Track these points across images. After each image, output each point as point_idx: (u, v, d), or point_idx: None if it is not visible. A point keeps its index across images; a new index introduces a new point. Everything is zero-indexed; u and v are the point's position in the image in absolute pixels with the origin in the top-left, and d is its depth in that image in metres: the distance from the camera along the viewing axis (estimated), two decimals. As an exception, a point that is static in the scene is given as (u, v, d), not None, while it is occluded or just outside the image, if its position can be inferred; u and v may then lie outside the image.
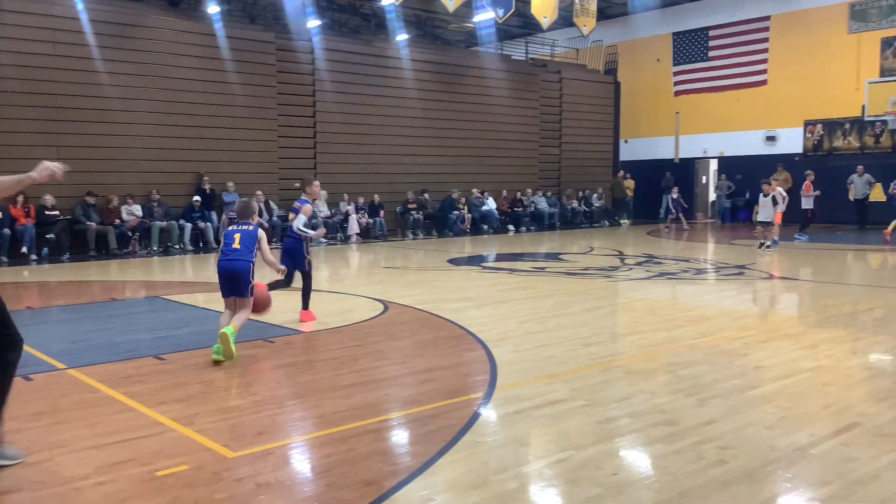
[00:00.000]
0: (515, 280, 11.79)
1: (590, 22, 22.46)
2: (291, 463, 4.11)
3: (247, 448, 4.23)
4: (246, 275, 6.64)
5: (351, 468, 3.93)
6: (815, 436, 4.38)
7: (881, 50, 22.81)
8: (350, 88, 21.04)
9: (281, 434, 4.55)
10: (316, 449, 4.29)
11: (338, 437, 4.42)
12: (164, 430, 4.56)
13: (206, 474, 3.86)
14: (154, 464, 4.00)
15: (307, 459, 4.17)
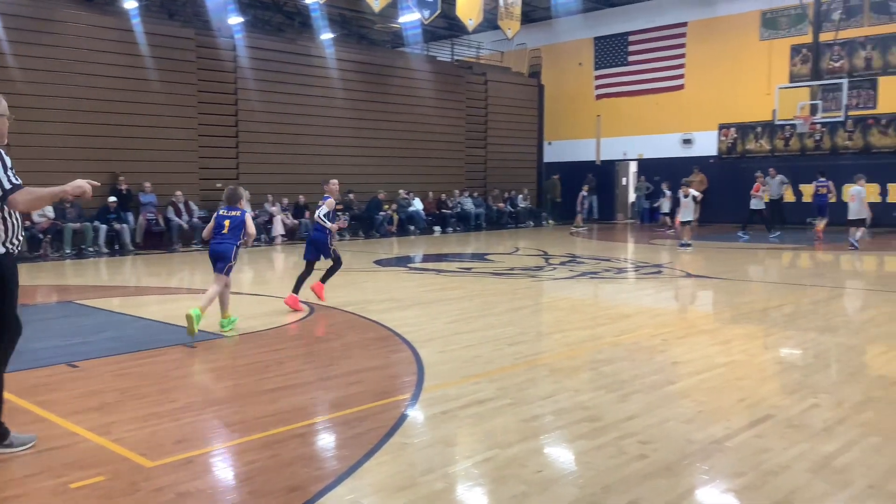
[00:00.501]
0: (442, 281, 11.83)
1: (514, 25, 22.73)
2: (213, 471, 4.01)
3: (166, 457, 4.11)
4: (228, 256, 7.53)
5: (275, 474, 3.86)
6: (730, 428, 4.55)
7: (791, 56, 23.88)
8: (274, 87, 20.69)
9: (202, 441, 4.43)
10: (239, 456, 4.20)
11: (261, 442, 4.34)
12: (79, 441, 4.38)
13: (123, 485, 3.72)
14: (68, 476, 3.84)
15: (229, 467, 4.08)
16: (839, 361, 6.36)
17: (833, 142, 23.24)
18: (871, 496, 3.55)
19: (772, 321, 8.25)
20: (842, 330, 7.60)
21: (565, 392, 5.36)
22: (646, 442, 4.31)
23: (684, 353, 6.59)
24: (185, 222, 17.86)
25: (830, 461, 3.99)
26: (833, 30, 21.66)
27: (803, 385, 5.53)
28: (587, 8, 27.28)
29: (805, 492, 3.61)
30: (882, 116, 22.26)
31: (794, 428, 4.55)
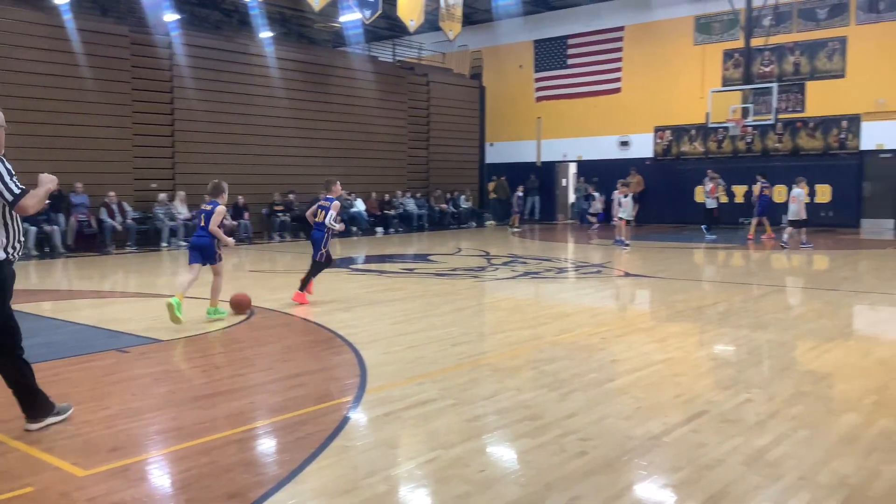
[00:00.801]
0: (385, 282, 11.79)
1: (455, 27, 22.81)
2: (149, 479, 3.90)
3: (100, 466, 3.98)
4: (211, 247, 8.30)
5: (213, 481, 3.78)
6: (668, 424, 4.65)
7: (723, 61, 24.57)
8: (211, 86, 20.29)
9: (137, 449, 4.31)
10: (175, 463, 4.10)
11: (199, 449, 4.25)
12: (7, 451, 4.22)
13: (54, 495, 3.60)
14: (-7, 488, 3.69)
15: (166, 474, 3.97)
16: (771, 357, 6.56)
17: (764, 144, 24.01)
18: (802, 487, 3.68)
19: (706, 319, 8.46)
20: (773, 327, 7.85)
21: (507, 391, 5.40)
22: (586, 439, 4.37)
23: (623, 351, 6.71)
24: (119, 224, 17.37)
25: (763, 454, 4.11)
26: (763, 35, 22.39)
27: (737, 381, 5.69)
28: (527, 11, 27.54)
29: (739, 485, 3.71)
30: (810, 119, 23.10)
31: (728, 422, 4.67)
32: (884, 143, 21.83)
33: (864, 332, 8.00)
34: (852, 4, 22.16)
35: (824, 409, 4.98)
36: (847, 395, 5.28)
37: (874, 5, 21.81)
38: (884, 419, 4.69)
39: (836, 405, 5.07)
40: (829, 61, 22.71)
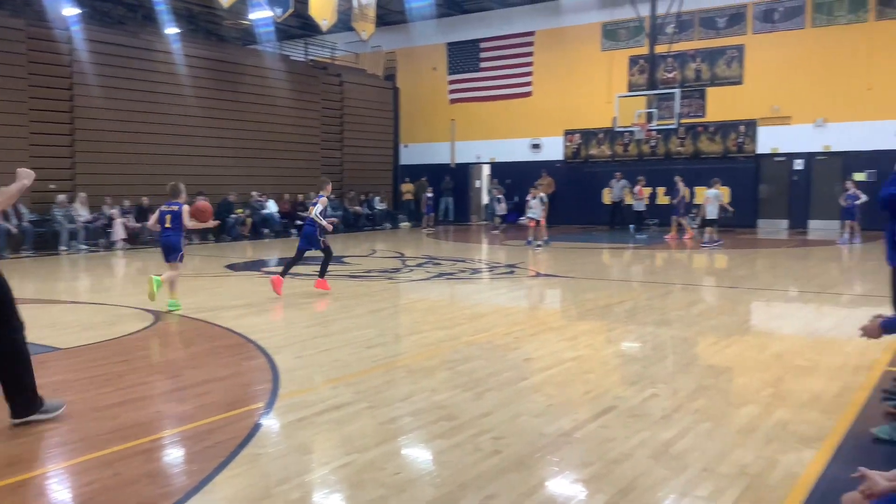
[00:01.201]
0: (298, 284, 11.61)
1: (368, 27, 22.72)
2: (48, 494, 3.72)
3: (-8, 483, 3.76)
4: (176, 246, 9.01)
5: (117, 494, 3.63)
6: (578, 420, 4.75)
7: (629, 67, 25.37)
8: (114, 83, 19.50)
9: (35, 463, 4.10)
10: (77, 477, 3.91)
11: (102, 461, 4.07)
12: None
13: (-60, 517, 3.38)
14: None
15: (67, 489, 3.79)
16: (674, 353, 6.81)
17: (667, 148, 24.92)
18: (705, 478, 3.83)
19: (614, 317, 8.71)
20: (676, 323, 8.15)
21: (423, 393, 5.41)
22: (500, 438, 4.43)
23: (535, 350, 6.83)
24: (14, 227, 16.47)
25: (669, 447, 4.26)
26: (667, 42, 23.23)
27: (643, 376, 5.87)
28: (440, 13, 27.69)
29: (647, 478, 3.83)
30: (710, 124, 24.12)
31: (635, 417, 4.82)
32: (778, 147, 23.02)
33: (760, 327, 8.40)
34: (749, 14, 23.28)
35: (725, 402, 5.20)
36: (746, 388, 5.53)
37: (769, 16, 22.98)
38: (780, 410, 4.93)
39: (735, 398, 5.30)
40: (728, 68, 23.78)
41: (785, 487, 3.69)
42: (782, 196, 23.19)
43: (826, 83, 21.86)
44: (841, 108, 21.77)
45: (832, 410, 4.92)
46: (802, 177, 22.81)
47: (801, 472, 3.87)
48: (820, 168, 22.49)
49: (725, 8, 23.65)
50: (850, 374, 5.85)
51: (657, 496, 3.62)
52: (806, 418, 4.76)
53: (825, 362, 6.24)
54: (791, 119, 22.67)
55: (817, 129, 22.33)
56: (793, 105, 22.54)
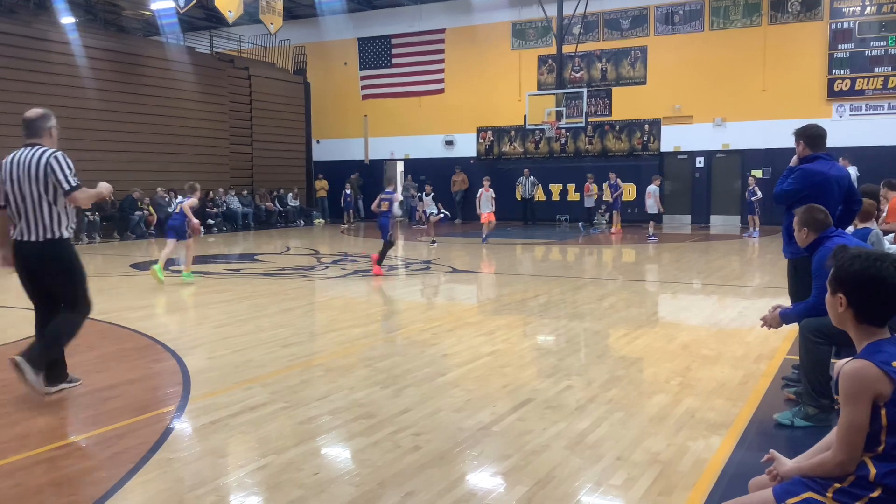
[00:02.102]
0: (208, 283, 11.29)
1: (276, 20, 22.26)
2: (-61, 511, 3.49)
3: None
4: (182, 228, 11.24)
5: (18, 507, 3.44)
6: (496, 414, 4.81)
7: (538, 66, 25.82)
8: (5, 74, 18.44)
9: (-77, 478, 3.83)
10: (-28, 490, 3.68)
11: (2, 471, 3.85)
12: None
13: None
14: None
15: (-40, 504, 3.57)
16: (587, 345, 6.98)
17: (576, 146, 25.52)
18: (620, 467, 3.94)
19: (529, 311, 8.86)
20: (588, 316, 8.35)
21: (341, 391, 5.35)
22: (419, 434, 4.43)
23: (453, 345, 6.87)
24: None
25: (584, 437, 4.37)
26: (574, 43, 23.76)
27: (558, 368, 6.00)
28: (351, 8, 27.44)
29: (564, 468, 3.91)
30: (616, 123, 24.84)
31: (551, 409, 4.91)
32: (680, 145, 23.93)
33: (667, 319, 8.71)
34: (651, 17, 24.08)
35: (636, 391, 5.37)
36: (656, 378, 5.72)
37: (670, 18, 23.83)
38: (688, 398, 5.13)
39: (646, 387, 5.48)
40: (632, 69, 24.54)
41: (695, 473, 3.84)
42: (685, 193, 24.12)
43: (724, 84, 22.86)
44: (738, 108, 22.82)
45: (737, 398, 5.15)
46: (704, 174, 23.80)
47: (710, 458, 4.04)
48: (720, 165, 23.52)
49: (629, 10, 24.38)
50: (752, 362, 6.14)
51: (574, 486, 3.70)
52: (713, 406, 4.96)
53: (729, 352, 6.53)
54: (692, 118, 23.60)
55: (717, 129, 23.34)
56: (693, 105, 23.47)
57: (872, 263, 2.32)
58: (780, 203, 5.43)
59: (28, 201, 5.13)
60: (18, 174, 5.18)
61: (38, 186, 5.14)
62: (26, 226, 5.16)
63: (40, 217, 5.14)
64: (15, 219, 5.23)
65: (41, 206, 5.13)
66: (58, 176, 5.12)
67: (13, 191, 5.18)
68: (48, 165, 5.14)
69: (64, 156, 5.26)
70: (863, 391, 2.26)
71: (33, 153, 5.25)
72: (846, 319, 2.41)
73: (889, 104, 21.19)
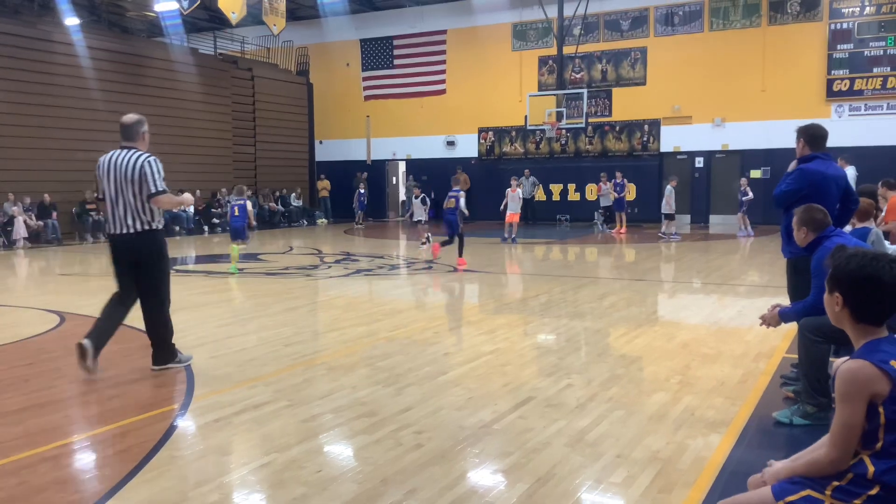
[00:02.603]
0: (212, 283, 11.34)
1: (279, 22, 22.31)
2: (-54, 507, 3.53)
3: None
4: (243, 230, 12.53)
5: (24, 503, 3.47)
6: (497, 412, 4.84)
7: (539, 67, 25.86)
8: (11, 75, 18.51)
9: (-69, 475, 3.87)
10: (-21, 487, 3.72)
11: (7, 469, 3.89)
12: None
13: None
14: None
15: (-33, 500, 3.61)
16: (588, 344, 7.01)
17: (577, 146, 25.54)
18: (620, 464, 3.97)
19: (530, 310, 8.89)
20: (588, 315, 8.38)
21: (343, 389, 5.39)
22: (421, 432, 4.46)
23: (454, 344, 6.90)
24: None
25: (584, 435, 4.40)
26: (574, 44, 23.79)
27: (559, 367, 6.03)
28: (353, 10, 27.48)
29: (564, 465, 3.95)
30: (616, 123, 24.86)
31: (552, 407, 4.95)
32: (680, 145, 23.95)
33: (667, 318, 8.74)
34: (651, 18, 24.11)
35: (636, 390, 5.40)
36: (655, 376, 5.76)
37: (670, 19, 23.86)
38: (687, 397, 5.16)
39: (646, 386, 5.51)
40: (632, 70, 24.56)
41: (694, 471, 3.87)
42: (684, 192, 24.12)
43: (723, 85, 22.88)
44: (737, 108, 22.84)
45: (736, 396, 5.18)
46: (703, 174, 23.82)
47: (709, 456, 4.07)
48: (719, 166, 23.54)
49: (628, 11, 24.41)
50: (751, 361, 6.17)
51: (574, 484, 3.73)
52: (712, 404, 4.99)
53: (728, 350, 6.56)
54: (692, 119, 23.62)
55: (716, 129, 23.36)
56: (693, 105, 23.50)
57: (869, 262, 2.34)
58: (780, 205, 5.45)
59: (123, 198, 5.72)
60: (115, 174, 5.75)
61: (134, 186, 5.72)
62: (122, 219, 5.74)
63: (134, 212, 5.73)
64: (109, 213, 5.82)
65: (135, 203, 5.71)
66: (148, 179, 5.71)
67: (109, 188, 5.78)
68: (142, 168, 5.73)
69: (156, 160, 5.84)
70: (859, 391, 2.28)
71: (129, 155, 5.82)
72: (844, 318, 2.43)
73: (888, 104, 21.22)
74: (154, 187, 5.71)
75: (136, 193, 5.72)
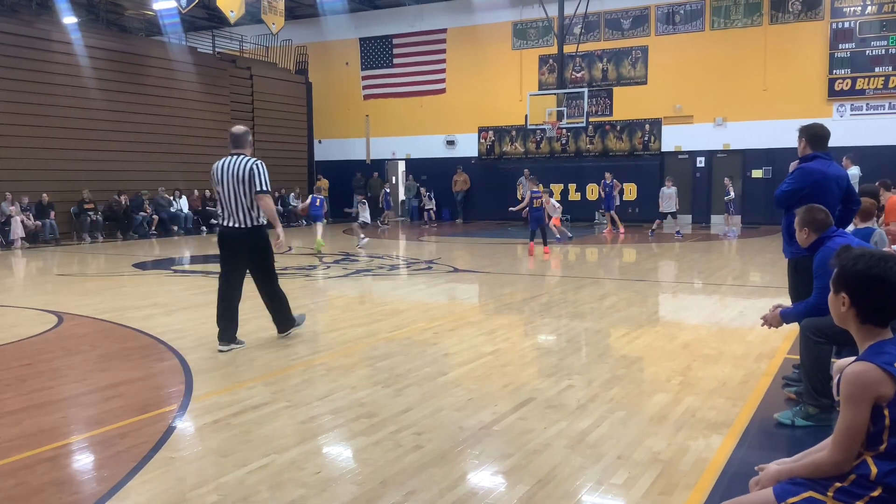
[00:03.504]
0: (211, 283, 11.30)
1: (278, 20, 22.28)
2: (-58, 509, 3.50)
3: None
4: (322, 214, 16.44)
5: (22, 505, 3.45)
6: (498, 413, 4.82)
7: (539, 66, 25.83)
8: (8, 74, 18.47)
9: (-73, 477, 3.85)
10: (-25, 489, 3.70)
11: (4, 470, 3.87)
12: None
13: None
14: None
15: (-36, 502, 3.58)
16: (588, 345, 6.99)
17: (577, 145, 25.52)
18: (621, 465, 3.95)
19: (530, 310, 8.86)
20: (589, 316, 8.36)
21: (342, 390, 5.37)
22: (421, 433, 4.44)
23: (454, 345, 6.88)
24: None
25: (585, 436, 4.37)
26: (575, 43, 23.76)
27: (559, 368, 6.01)
28: (352, 8, 27.45)
29: (564, 467, 3.92)
30: (617, 123, 24.84)
31: (552, 408, 4.92)
32: (681, 145, 23.93)
33: (668, 318, 8.72)
34: (652, 16, 24.08)
35: (637, 390, 5.38)
36: (656, 377, 5.73)
37: (671, 18, 23.83)
38: (689, 397, 5.14)
39: (647, 387, 5.48)
40: (633, 69, 24.53)
41: (696, 473, 3.85)
42: (685, 192, 24.11)
43: (725, 84, 22.86)
44: (739, 108, 22.82)
45: (737, 397, 5.15)
46: (704, 174, 23.79)
47: (711, 458, 4.05)
48: (720, 165, 23.50)
49: (629, 10, 24.38)
50: (753, 361, 6.15)
51: (575, 485, 3.71)
52: (713, 405, 4.97)
53: (730, 351, 6.53)
54: (693, 118, 23.60)
55: (717, 128, 23.34)
56: (694, 105, 23.47)
57: (876, 263, 2.32)
58: (781, 205, 5.41)
59: (235, 197, 6.59)
60: (228, 177, 6.62)
61: (244, 186, 6.58)
62: (233, 216, 6.64)
63: (244, 209, 6.61)
64: (223, 210, 6.72)
65: (245, 201, 6.59)
66: (255, 179, 6.60)
67: (224, 189, 6.64)
68: (251, 170, 6.61)
69: (263, 164, 6.71)
70: (864, 394, 2.27)
71: (240, 160, 6.69)
72: (849, 319, 2.41)
73: (890, 104, 21.19)
74: (260, 186, 6.60)
75: (247, 192, 6.59)
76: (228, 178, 6.63)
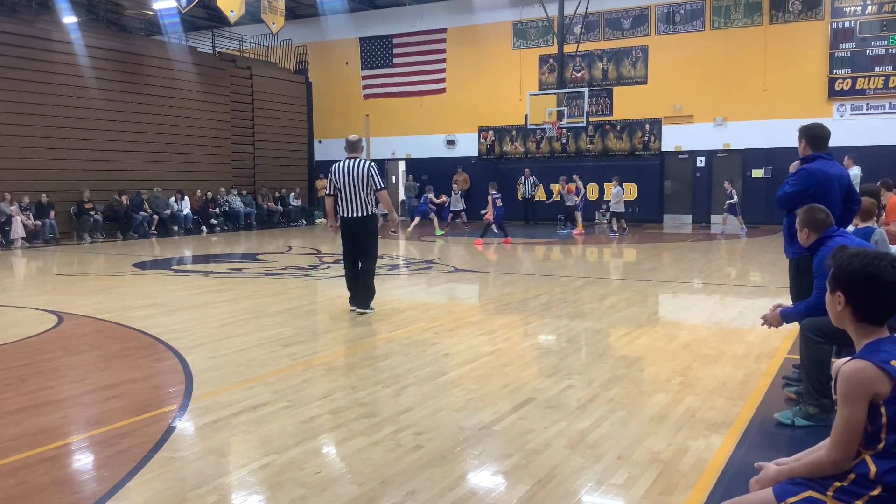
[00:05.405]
0: (210, 283, 11.31)
1: (278, 20, 22.28)
2: (-58, 509, 3.50)
3: None
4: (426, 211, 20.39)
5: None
6: (498, 413, 4.82)
7: (539, 66, 25.82)
8: (8, 73, 18.47)
9: (-73, 477, 3.85)
10: (-25, 489, 3.70)
11: (4, 470, 3.87)
12: None
13: None
14: None
15: (-36, 502, 3.58)
16: (588, 344, 6.99)
17: (577, 145, 25.51)
18: (621, 466, 3.95)
19: (530, 310, 8.86)
20: (589, 316, 8.36)
21: (342, 390, 5.37)
22: (421, 433, 4.44)
23: (454, 345, 6.88)
24: None
25: (585, 436, 4.37)
26: (575, 42, 23.75)
27: (559, 368, 6.00)
28: (352, 8, 27.44)
29: (565, 467, 3.92)
30: (617, 123, 24.83)
31: (552, 408, 4.92)
32: (681, 145, 23.92)
33: (668, 318, 8.72)
34: (652, 16, 24.07)
35: (637, 390, 5.37)
36: (656, 377, 5.73)
37: (671, 17, 23.82)
38: (689, 398, 5.14)
39: (647, 387, 5.48)
40: (633, 69, 24.52)
41: (696, 473, 3.85)
42: (686, 192, 24.11)
43: (725, 84, 22.85)
44: (739, 107, 22.81)
45: (738, 397, 5.15)
46: (704, 173, 23.79)
47: (711, 458, 4.05)
48: (721, 165, 23.49)
49: (629, 9, 24.37)
50: (753, 361, 6.15)
51: (575, 485, 3.71)
52: (713, 405, 4.97)
53: (730, 351, 6.53)
54: (693, 118, 23.59)
55: (717, 128, 23.33)
56: (694, 104, 23.46)
57: (871, 262, 2.33)
58: (784, 207, 5.39)
59: (353, 193, 8.19)
60: (348, 175, 8.21)
61: (362, 182, 8.19)
62: (353, 207, 8.23)
63: (361, 202, 8.21)
64: (342, 203, 8.28)
65: (362, 196, 8.20)
66: (373, 178, 8.23)
67: (344, 187, 8.23)
68: (368, 171, 8.21)
69: (375, 165, 8.37)
70: (861, 392, 2.27)
71: (357, 162, 8.25)
72: (845, 318, 2.42)
73: (890, 104, 21.18)
74: (377, 185, 8.25)
75: (363, 188, 8.17)
76: (350, 177, 8.16)
